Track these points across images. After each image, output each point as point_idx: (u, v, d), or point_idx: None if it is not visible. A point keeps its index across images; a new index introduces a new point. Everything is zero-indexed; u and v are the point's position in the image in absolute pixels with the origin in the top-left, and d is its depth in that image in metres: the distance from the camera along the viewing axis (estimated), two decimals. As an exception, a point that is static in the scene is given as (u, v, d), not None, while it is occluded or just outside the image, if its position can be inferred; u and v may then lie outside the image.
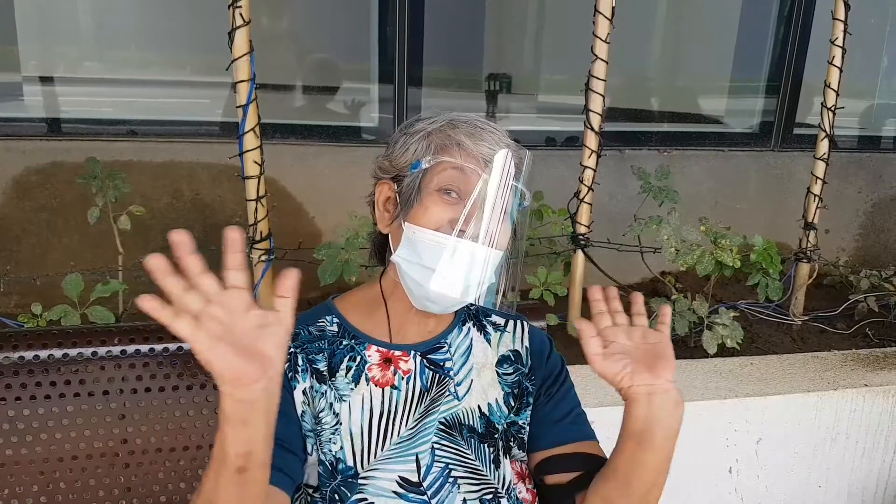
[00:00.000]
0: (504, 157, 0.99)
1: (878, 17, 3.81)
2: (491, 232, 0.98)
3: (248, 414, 0.79)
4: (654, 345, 1.01)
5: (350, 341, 1.08)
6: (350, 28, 3.21)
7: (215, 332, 0.76)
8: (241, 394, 0.78)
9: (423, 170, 1.02)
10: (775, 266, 2.38)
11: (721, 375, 2.06)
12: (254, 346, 0.78)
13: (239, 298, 0.78)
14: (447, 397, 1.08)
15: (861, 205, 3.53)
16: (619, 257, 2.51)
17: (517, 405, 1.12)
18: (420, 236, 0.99)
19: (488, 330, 1.17)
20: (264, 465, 0.84)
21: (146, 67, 3.10)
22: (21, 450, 1.18)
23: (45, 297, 2.11)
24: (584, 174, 2.32)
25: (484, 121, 1.05)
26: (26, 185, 2.61)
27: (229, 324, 0.77)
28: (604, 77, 2.23)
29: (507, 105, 3.51)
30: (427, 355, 1.10)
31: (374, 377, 1.06)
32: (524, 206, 1.05)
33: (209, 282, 0.76)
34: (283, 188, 2.77)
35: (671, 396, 0.99)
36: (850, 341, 2.51)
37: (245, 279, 0.79)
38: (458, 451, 1.05)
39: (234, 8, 1.85)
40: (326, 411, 1.03)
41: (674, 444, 1.00)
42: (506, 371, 1.14)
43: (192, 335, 0.75)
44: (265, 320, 0.79)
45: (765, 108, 3.53)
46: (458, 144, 1.01)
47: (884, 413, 2.08)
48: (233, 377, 0.77)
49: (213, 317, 0.76)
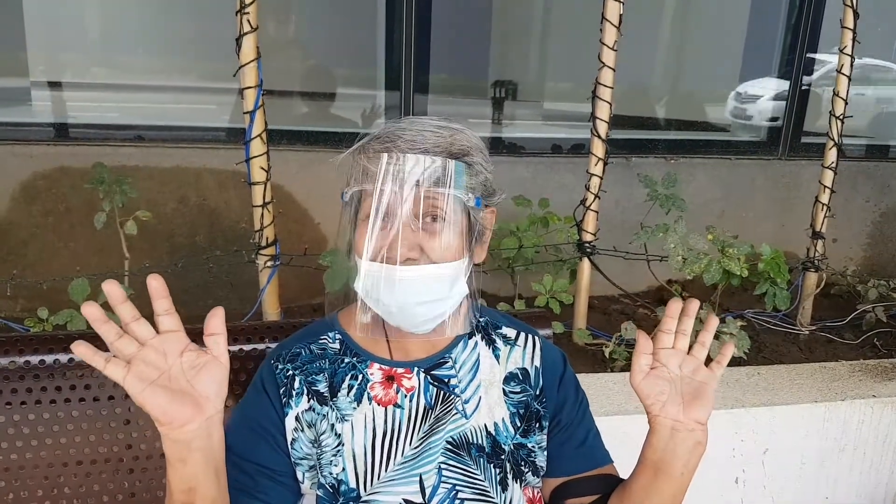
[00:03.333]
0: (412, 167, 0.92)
1: (888, 25, 3.81)
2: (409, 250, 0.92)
3: (186, 453, 0.84)
4: (700, 383, 0.98)
5: (352, 359, 1.05)
6: (357, 35, 3.22)
7: (148, 377, 0.80)
8: (175, 435, 0.83)
9: (345, 201, 0.99)
10: (783, 275, 2.36)
11: (728, 385, 2.04)
12: (191, 386, 0.83)
13: (174, 341, 0.83)
14: (454, 415, 1.04)
15: (869, 214, 3.52)
16: (625, 265, 2.50)
17: (524, 426, 1.07)
18: (361, 267, 0.95)
19: (497, 344, 1.11)
20: (213, 501, 0.88)
21: (153, 73, 3.11)
22: (26, 454, 1.18)
23: (52, 301, 2.12)
24: (591, 182, 2.31)
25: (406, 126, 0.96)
26: (33, 190, 2.62)
27: (163, 367, 0.82)
28: (611, 85, 2.23)
29: (513, 112, 3.52)
30: (431, 371, 1.06)
31: (377, 396, 1.03)
32: (478, 204, 0.97)
33: (142, 328, 0.81)
34: (289, 194, 2.78)
35: (694, 436, 0.97)
36: (857, 351, 2.49)
37: (177, 322, 0.83)
38: (466, 471, 1.02)
39: (242, 14, 1.85)
40: (328, 433, 1.01)
41: (690, 477, 0.99)
42: (513, 389, 1.09)
43: (123, 379, 0.79)
44: (201, 361, 0.84)
45: (772, 116, 3.53)
46: (363, 169, 0.95)
47: (892, 424, 2.06)
48: (166, 420, 0.81)
49: (146, 361, 0.80)
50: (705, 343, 0.99)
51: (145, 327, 0.82)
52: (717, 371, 0.99)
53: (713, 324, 1.00)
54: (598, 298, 2.81)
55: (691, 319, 0.99)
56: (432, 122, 0.97)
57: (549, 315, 1.99)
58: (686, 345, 0.99)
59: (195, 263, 2.41)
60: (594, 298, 2.64)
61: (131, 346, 0.80)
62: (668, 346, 0.98)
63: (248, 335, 1.28)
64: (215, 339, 0.85)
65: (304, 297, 2.73)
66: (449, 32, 3.11)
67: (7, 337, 1.22)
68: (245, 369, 1.26)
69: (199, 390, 0.83)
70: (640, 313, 2.70)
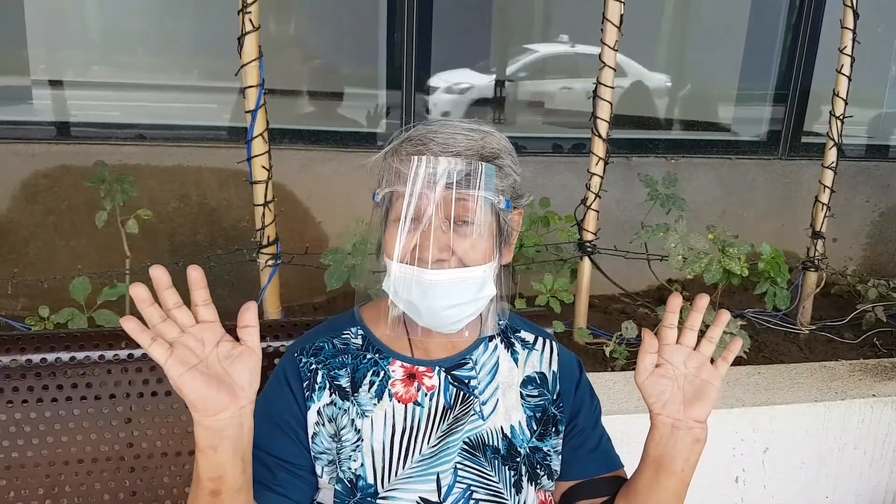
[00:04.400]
0: (445, 169, 0.92)
1: (886, 25, 3.81)
2: (441, 252, 0.93)
3: (217, 441, 0.85)
4: (703, 381, 0.99)
5: (374, 355, 1.06)
6: (358, 34, 3.22)
7: (188, 361, 0.82)
8: (209, 422, 0.84)
9: (377, 202, 0.99)
10: (783, 275, 2.36)
11: (728, 384, 2.05)
12: (226, 375, 0.85)
13: (210, 331, 0.85)
14: (472, 416, 1.05)
15: (869, 214, 3.52)
16: (625, 264, 2.50)
17: (540, 430, 1.08)
18: (391, 269, 0.95)
19: (516, 348, 1.12)
20: (238, 490, 0.89)
21: (154, 72, 3.12)
22: (27, 452, 1.18)
23: (53, 300, 2.12)
24: (592, 181, 2.31)
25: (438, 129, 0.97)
26: (35, 189, 2.62)
27: (202, 354, 0.84)
28: (611, 84, 2.23)
29: (513, 111, 3.52)
30: (452, 371, 1.06)
31: (398, 393, 1.03)
32: (507, 206, 0.98)
33: (184, 315, 0.83)
34: (290, 193, 2.78)
35: (693, 434, 0.99)
36: (857, 351, 2.49)
37: (213, 313, 0.85)
38: (481, 472, 1.03)
39: (244, 14, 1.86)
40: (348, 428, 1.01)
41: (691, 473, 1.01)
42: (530, 393, 1.09)
43: (166, 361, 0.81)
44: (236, 351, 0.86)
45: (773, 116, 3.53)
46: (396, 172, 0.95)
47: (892, 423, 2.06)
48: (202, 406, 0.83)
49: (186, 346, 0.83)
50: (713, 339, 0.99)
51: (186, 315, 0.83)
52: (722, 369, 0.99)
53: (724, 318, 1.00)
54: (599, 297, 2.81)
55: (700, 315, 0.99)
56: (463, 125, 0.98)
57: (549, 314, 1.99)
58: (692, 340, 0.99)
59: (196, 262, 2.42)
60: (594, 297, 2.64)
61: (174, 331, 0.82)
62: (672, 342, 0.99)
63: (249, 334, 1.29)
64: (249, 331, 0.87)
65: (304, 297, 2.73)
66: (450, 32, 3.11)
67: (9, 335, 1.23)
68: (246, 368, 1.26)
69: (235, 379, 0.85)
70: (640, 312, 2.70)
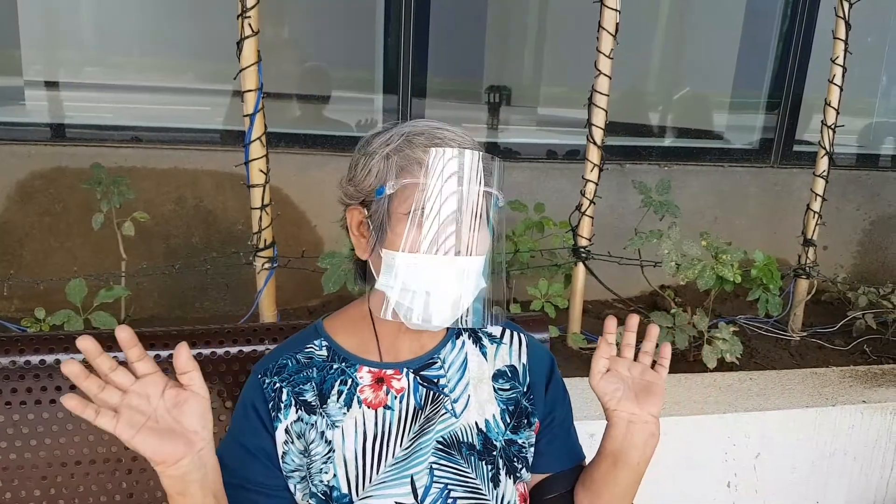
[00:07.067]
0: (469, 162, 0.95)
1: (876, 36, 3.85)
2: (469, 242, 0.95)
3: (183, 486, 0.89)
4: (648, 382, 1.10)
5: (340, 364, 1.06)
6: (355, 38, 3.24)
7: (137, 422, 0.85)
8: (171, 471, 0.87)
9: (388, 195, 0.97)
10: (776, 282, 2.39)
11: (720, 390, 2.06)
12: (177, 424, 0.87)
13: (153, 384, 0.87)
14: (444, 415, 1.05)
15: (859, 222, 3.55)
16: (619, 270, 2.52)
17: (514, 423, 1.10)
18: (401, 261, 0.95)
19: (484, 342, 1.14)
20: None
21: (149, 73, 3.11)
22: (24, 454, 1.19)
23: (48, 301, 2.11)
24: (586, 187, 2.33)
25: (440, 126, 1.00)
26: (30, 190, 2.62)
27: (149, 410, 0.86)
28: (606, 92, 2.25)
29: (508, 117, 3.53)
30: (420, 372, 1.07)
31: (367, 399, 1.04)
32: (499, 205, 1.01)
33: (121, 376, 0.85)
34: (286, 197, 2.79)
35: (648, 428, 1.08)
36: (848, 357, 2.52)
37: (152, 365, 0.88)
38: (457, 470, 1.03)
39: (244, 18, 1.86)
40: (317, 441, 1.01)
41: (645, 466, 1.10)
42: (502, 387, 1.11)
43: (115, 428, 0.83)
44: (182, 397, 0.88)
45: (765, 124, 3.56)
46: (417, 162, 0.96)
47: (882, 430, 2.08)
48: (160, 458, 0.86)
49: (131, 407, 0.85)
50: (648, 351, 1.12)
51: (124, 375, 0.86)
52: (662, 371, 1.11)
53: (654, 333, 1.13)
54: (593, 303, 2.83)
55: (632, 334, 1.12)
56: (445, 124, 1.01)
57: (544, 319, 2.00)
58: (630, 354, 1.12)
59: (192, 265, 2.42)
60: (588, 303, 2.66)
61: (115, 396, 0.85)
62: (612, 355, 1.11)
63: (247, 337, 1.30)
64: (189, 376, 0.89)
65: (299, 300, 2.73)
66: (447, 36, 3.13)
67: (7, 336, 1.23)
68: (245, 371, 1.27)
69: (186, 426, 0.88)
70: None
